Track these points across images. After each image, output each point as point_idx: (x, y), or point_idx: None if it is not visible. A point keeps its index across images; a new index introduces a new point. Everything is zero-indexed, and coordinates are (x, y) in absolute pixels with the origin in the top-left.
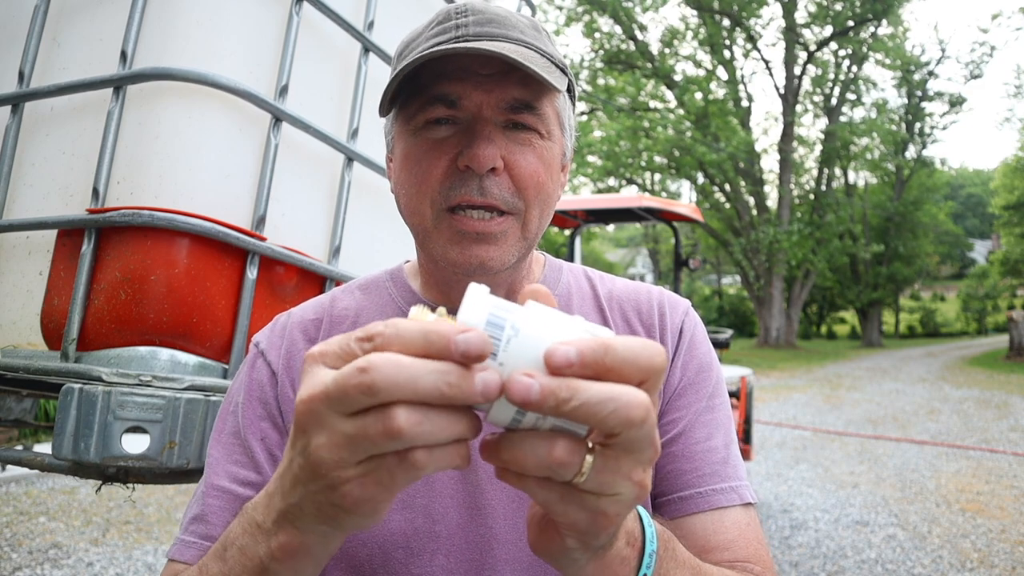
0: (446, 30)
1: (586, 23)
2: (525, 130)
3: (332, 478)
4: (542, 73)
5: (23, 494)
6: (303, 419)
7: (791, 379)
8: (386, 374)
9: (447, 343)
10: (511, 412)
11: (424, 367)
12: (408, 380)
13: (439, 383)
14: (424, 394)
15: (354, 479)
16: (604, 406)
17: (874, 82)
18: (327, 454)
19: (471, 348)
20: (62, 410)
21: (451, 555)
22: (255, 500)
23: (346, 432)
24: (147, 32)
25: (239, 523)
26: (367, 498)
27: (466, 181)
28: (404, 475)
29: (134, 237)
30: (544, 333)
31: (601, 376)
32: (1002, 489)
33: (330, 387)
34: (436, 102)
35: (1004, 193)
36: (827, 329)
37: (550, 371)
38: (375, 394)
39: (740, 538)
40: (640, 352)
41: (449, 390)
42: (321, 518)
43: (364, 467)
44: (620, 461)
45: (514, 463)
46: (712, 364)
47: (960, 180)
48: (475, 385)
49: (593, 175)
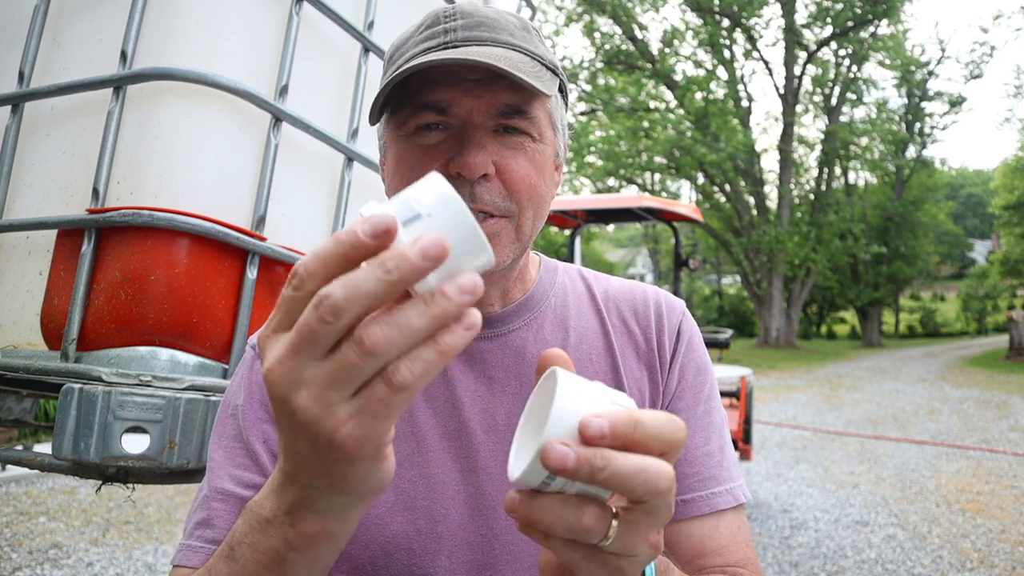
0: (435, 35)
1: (586, 23)
2: (517, 134)
3: (326, 429)
4: (530, 80)
5: (23, 494)
6: (279, 387)
7: (791, 379)
8: (336, 295)
9: (354, 233)
10: (542, 475)
11: (360, 270)
12: (353, 290)
13: (376, 275)
14: (372, 294)
15: (348, 420)
16: (635, 477)
17: (874, 82)
18: (314, 406)
19: (376, 226)
20: (62, 410)
21: (453, 555)
22: (257, 499)
23: (328, 371)
24: (147, 32)
25: (243, 522)
26: (367, 436)
27: (458, 188)
28: (396, 399)
29: (134, 237)
30: (575, 403)
31: (629, 448)
32: (1002, 489)
33: (295, 338)
34: (426, 109)
35: (1004, 193)
36: (827, 329)
37: (584, 441)
38: (338, 318)
39: (733, 543)
40: (664, 427)
41: (390, 276)
42: (334, 487)
43: (354, 404)
44: (640, 525)
45: (542, 525)
46: (708, 366)
47: (960, 180)
48: (410, 256)
49: (593, 175)
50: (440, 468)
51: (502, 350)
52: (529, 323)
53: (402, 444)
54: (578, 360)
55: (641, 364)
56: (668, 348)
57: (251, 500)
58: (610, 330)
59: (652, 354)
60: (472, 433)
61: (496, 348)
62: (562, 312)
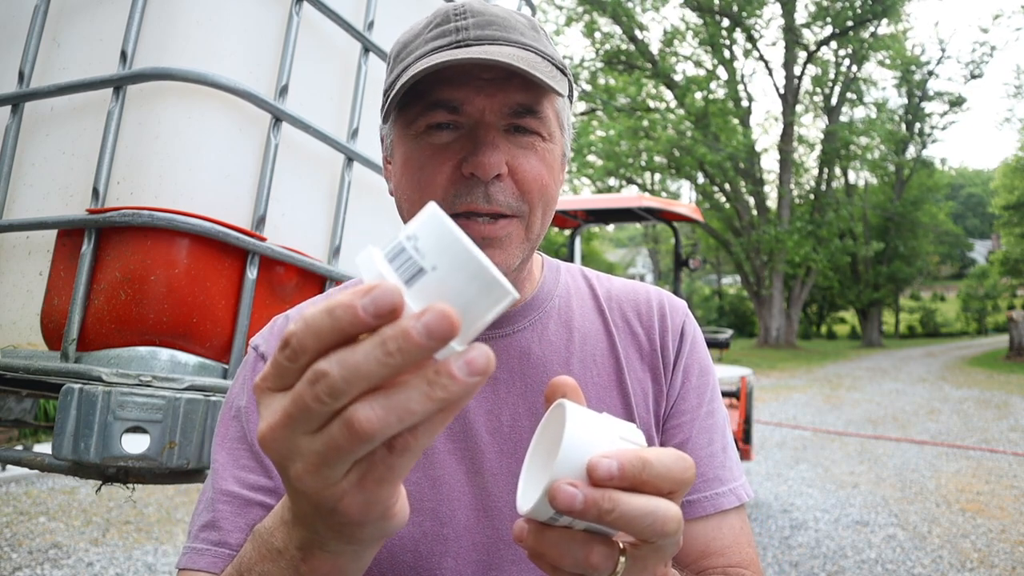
0: (445, 33)
1: (586, 23)
2: (528, 134)
3: (328, 500)
4: (546, 79)
5: (23, 494)
6: (275, 455)
7: (791, 379)
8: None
9: (353, 312)
10: (550, 512)
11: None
12: (352, 372)
13: (377, 357)
14: (371, 376)
15: (350, 490)
16: (643, 520)
17: (874, 82)
18: (310, 479)
19: (379, 305)
20: (62, 410)
21: (459, 557)
22: (267, 525)
23: (318, 451)
24: (147, 32)
25: (254, 549)
26: (372, 502)
27: (471, 189)
28: (401, 461)
29: (134, 237)
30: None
31: (637, 488)
32: (1002, 489)
33: (290, 408)
34: (437, 107)
35: (1004, 193)
36: (827, 329)
37: (592, 482)
38: (336, 399)
39: (735, 543)
40: (672, 467)
41: (392, 359)
42: (343, 539)
43: (355, 474)
44: (648, 561)
45: (550, 559)
46: (710, 366)
47: (960, 180)
48: (414, 336)
49: (593, 175)
50: (445, 470)
51: (507, 351)
52: (533, 324)
53: None
54: (582, 361)
55: (644, 365)
56: (672, 349)
57: (260, 525)
58: (613, 331)
59: (655, 355)
60: (477, 434)
61: (501, 349)
62: (566, 313)
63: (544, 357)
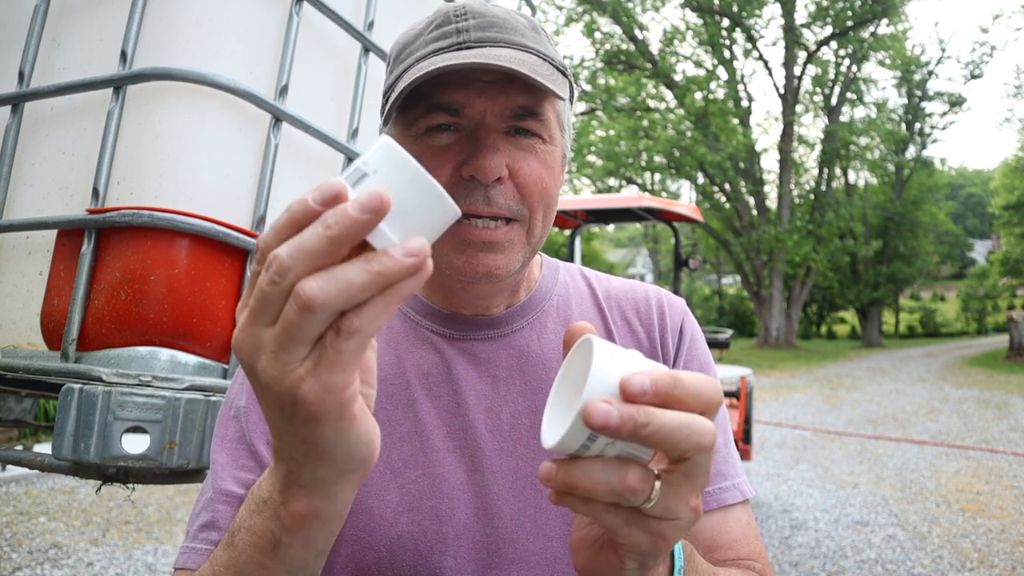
0: (446, 34)
1: (586, 23)
2: (528, 136)
3: (287, 388)
4: (547, 82)
5: (23, 494)
6: (244, 355)
7: (791, 379)
8: (281, 255)
9: (304, 201)
10: (582, 438)
11: (304, 231)
12: (296, 249)
13: (318, 232)
14: (315, 251)
15: (307, 376)
16: (679, 432)
17: (874, 82)
18: (272, 367)
19: (324, 192)
20: (62, 410)
21: (459, 556)
22: (258, 482)
23: (276, 335)
24: (147, 32)
25: (245, 507)
26: (326, 388)
27: (471, 191)
28: (347, 344)
29: (134, 237)
30: (614, 365)
31: (669, 405)
32: (1002, 489)
33: (253, 303)
34: (438, 110)
35: (1004, 193)
36: (827, 329)
37: (625, 399)
38: (283, 277)
39: (742, 537)
40: (704, 386)
41: (330, 231)
42: (310, 454)
43: (311, 360)
44: (681, 487)
45: (583, 490)
46: (710, 363)
47: (960, 180)
48: (350, 211)
49: (593, 175)
50: (445, 468)
51: (506, 350)
52: (532, 323)
53: (407, 444)
54: None
55: None
56: (671, 346)
57: (253, 485)
58: (613, 329)
59: (655, 353)
60: (477, 432)
61: (500, 348)
62: (565, 311)
63: (543, 355)
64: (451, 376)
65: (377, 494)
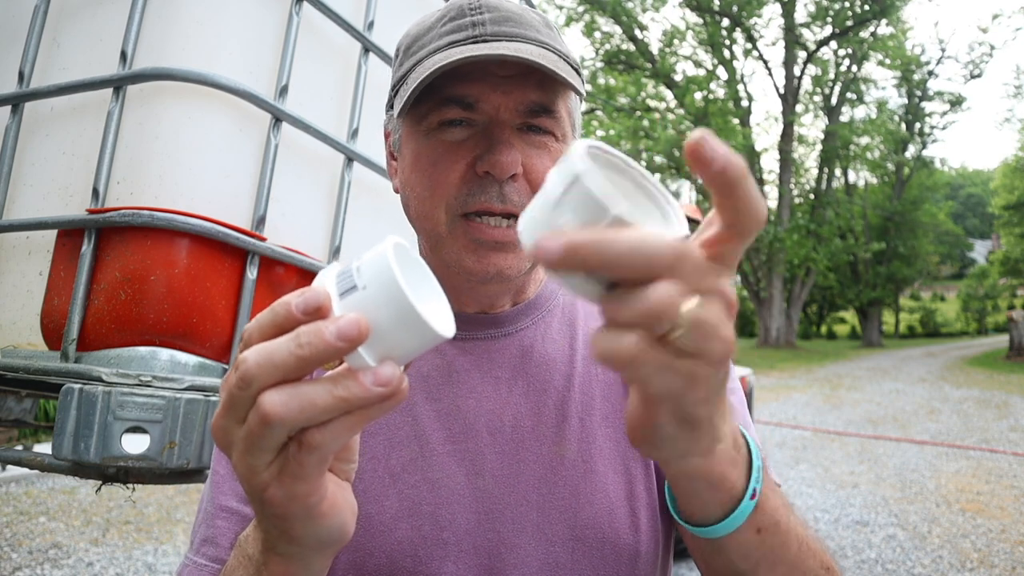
0: (461, 27)
1: (586, 23)
2: (541, 133)
3: (256, 488)
4: (568, 78)
5: (23, 494)
6: (219, 443)
7: (791, 379)
8: (249, 362)
9: (288, 308)
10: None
11: (277, 341)
12: (266, 359)
13: (290, 347)
14: (283, 366)
15: (271, 482)
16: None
17: (874, 82)
18: (241, 467)
19: (308, 302)
20: (62, 410)
21: (460, 561)
22: (247, 532)
23: (243, 437)
24: (147, 32)
25: (235, 557)
26: (290, 496)
27: (485, 188)
28: (309, 458)
29: (134, 237)
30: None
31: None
32: (1002, 489)
33: (225, 398)
34: (451, 103)
35: (1004, 193)
36: (827, 329)
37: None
38: (248, 385)
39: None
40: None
41: (301, 350)
42: (283, 538)
43: (275, 466)
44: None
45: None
46: None
47: (960, 180)
48: (325, 334)
49: None
50: (445, 472)
51: (509, 349)
52: (537, 322)
53: (406, 448)
54: (586, 359)
55: None
56: None
57: (243, 533)
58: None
59: None
60: (478, 435)
61: (504, 347)
62: (570, 310)
63: (547, 355)
64: (452, 378)
65: (376, 500)
